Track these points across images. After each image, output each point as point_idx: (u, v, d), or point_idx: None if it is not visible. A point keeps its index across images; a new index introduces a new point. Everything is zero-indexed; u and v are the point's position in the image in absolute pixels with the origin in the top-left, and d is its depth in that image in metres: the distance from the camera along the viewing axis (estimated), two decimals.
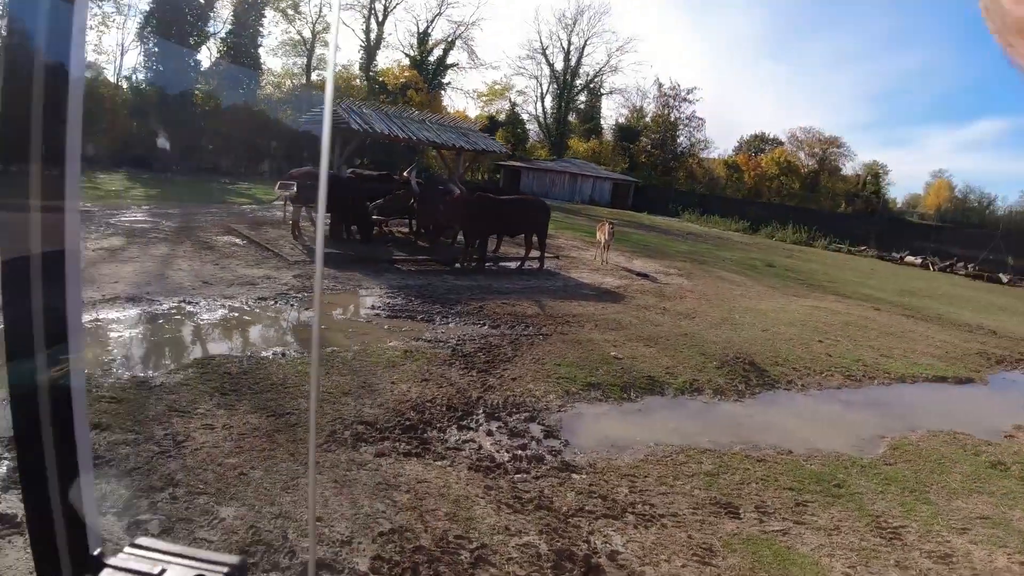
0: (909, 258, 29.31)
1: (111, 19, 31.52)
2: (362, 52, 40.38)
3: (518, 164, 37.87)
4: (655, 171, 47.92)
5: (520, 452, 5.12)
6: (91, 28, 31.17)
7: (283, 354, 6.59)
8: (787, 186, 48.35)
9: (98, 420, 4.60)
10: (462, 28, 44.34)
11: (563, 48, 50.28)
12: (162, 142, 27.20)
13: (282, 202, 15.35)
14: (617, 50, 54.35)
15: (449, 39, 44.48)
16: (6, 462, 3.93)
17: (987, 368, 10.44)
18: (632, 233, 24.08)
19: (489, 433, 5.41)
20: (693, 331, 9.69)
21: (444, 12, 43.64)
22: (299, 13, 37.31)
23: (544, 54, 50.59)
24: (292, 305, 8.61)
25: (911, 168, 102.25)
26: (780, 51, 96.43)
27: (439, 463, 4.75)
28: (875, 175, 50.76)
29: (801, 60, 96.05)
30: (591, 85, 52.03)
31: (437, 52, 44.57)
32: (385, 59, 44.02)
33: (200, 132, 29.26)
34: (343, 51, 77.30)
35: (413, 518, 3.95)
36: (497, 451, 5.09)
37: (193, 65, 30.89)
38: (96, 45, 31.52)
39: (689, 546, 4.07)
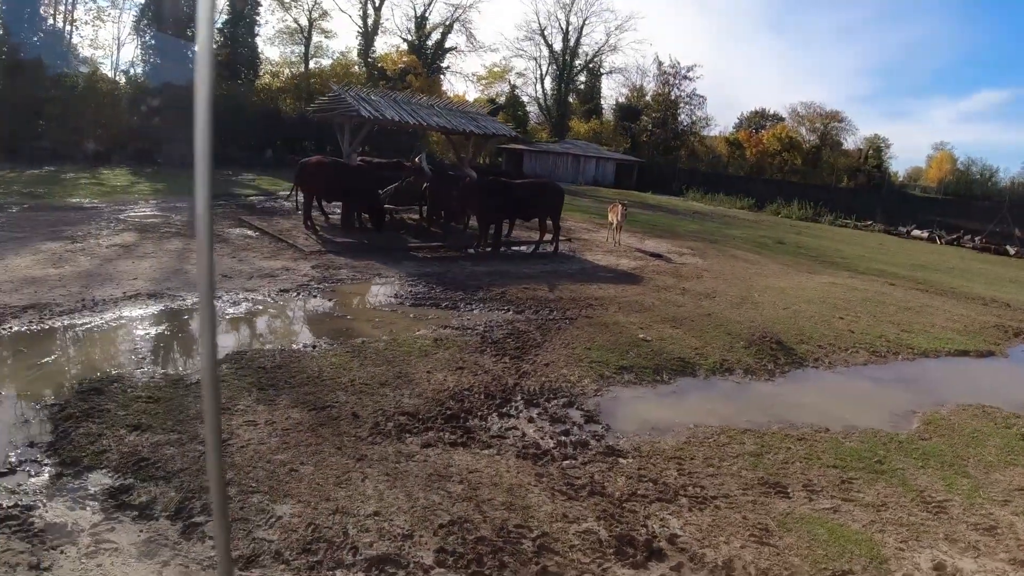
0: (916, 232, 29.18)
1: (106, 13, 31.18)
2: (360, 38, 39.99)
3: (520, 147, 37.56)
4: (657, 150, 47.63)
5: (564, 438, 5.10)
6: (86, 23, 30.90)
7: (313, 346, 6.56)
8: (789, 162, 48.04)
9: (138, 421, 4.58)
10: (460, 11, 43.89)
11: (562, 28, 49.79)
12: (164, 134, 26.98)
13: (289, 192, 15.24)
14: (616, 29, 53.85)
15: (447, 22, 44.05)
16: (48, 468, 3.93)
17: (1006, 341, 10.42)
18: (639, 213, 23.93)
19: (530, 420, 5.38)
20: (716, 311, 9.64)
21: None
22: (295, 1, 36.90)
23: (543, 35, 50.13)
24: (315, 296, 8.57)
25: (912, 140, 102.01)
26: (780, 24, 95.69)
27: (486, 452, 4.72)
28: (876, 149, 50.44)
29: (802, 33, 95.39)
30: (590, 65, 51.59)
31: (435, 36, 44.15)
32: (383, 45, 43.69)
33: None
34: (340, 37, 76.53)
35: (470, 509, 3.93)
36: (541, 438, 5.06)
37: (191, 56, 30.49)
38: (92, 40, 31.25)
39: (745, 527, 4.08)
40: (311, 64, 37.72)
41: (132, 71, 29.92)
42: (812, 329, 9.29)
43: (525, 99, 47.36)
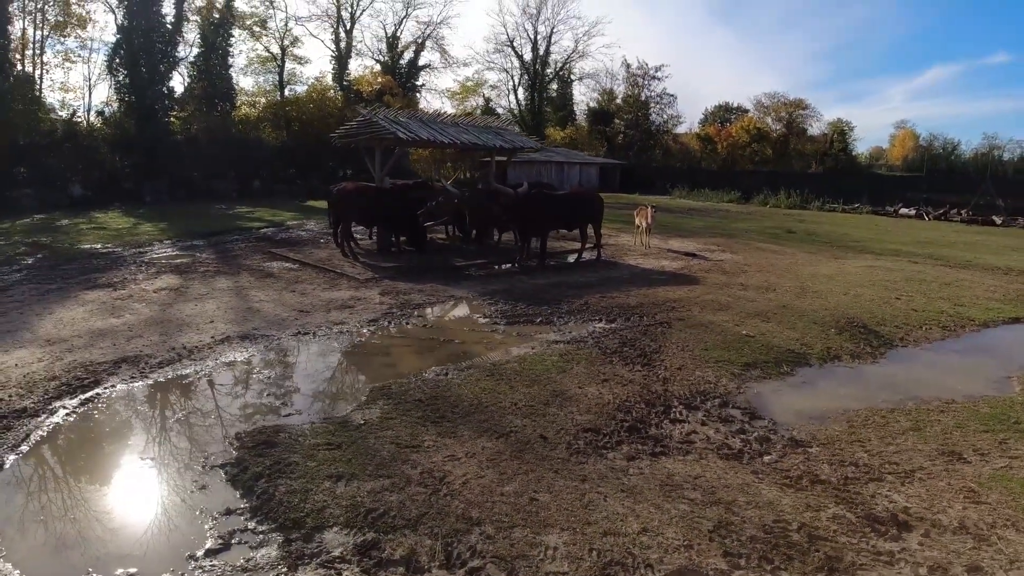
0: (903, 210, 30.09)
1: (76, 54, 30.45)
2: (334, 62, 39.73)
3: (503, 158, 37.62)
4: (632, 151, 48.27)
5: (744, 436, 5.19)
6: (56, 66, 30.15)
7: (446, 373, 6.50)
8: (759, 152, 49.14)
9: (336, 471, 4.41)
10: (431, 28, 43.96)
11: (530, 38, 50.26)
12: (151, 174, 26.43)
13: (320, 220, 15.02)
14: (584, 35, 54.65)
15: (419, 40, 44.08)
16: (271, 536, 3.82)
17: None
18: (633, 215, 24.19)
19: (703, 423, 5.44)
20: (788, 303, 9.84)
21: (411, 14, 43.52)
22: (266, 29, 36.53)
23: (512, 46, 50.51)
24: (408, 324, 8.51)
25: (870, 121, 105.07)
26: (729, 16, 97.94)
27: (689, 457, 4.78)
28: (841, 132, 51.84)
29: (751, 23, 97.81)
30: (561, 73, 52.12)
31: (408, 55, 44.11)
32: (357, 67, 43.43)
33: (183, 159, 28.48)
34: (314, 63, 75.79)
35: (723, 512, 3.99)
36: (726, 439, 5.14)
37: (167, 92, 29.99)
38: (63, 83, 30.46)
39: (954, 491, 4.39)
40: (286, 91, 37.31)
41: (107, 111, 29.17)
42: (881, 311, 9.54)
43: (500, 111, 47.62)
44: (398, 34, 43.50)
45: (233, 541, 3.69)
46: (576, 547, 3.61)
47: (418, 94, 43.39)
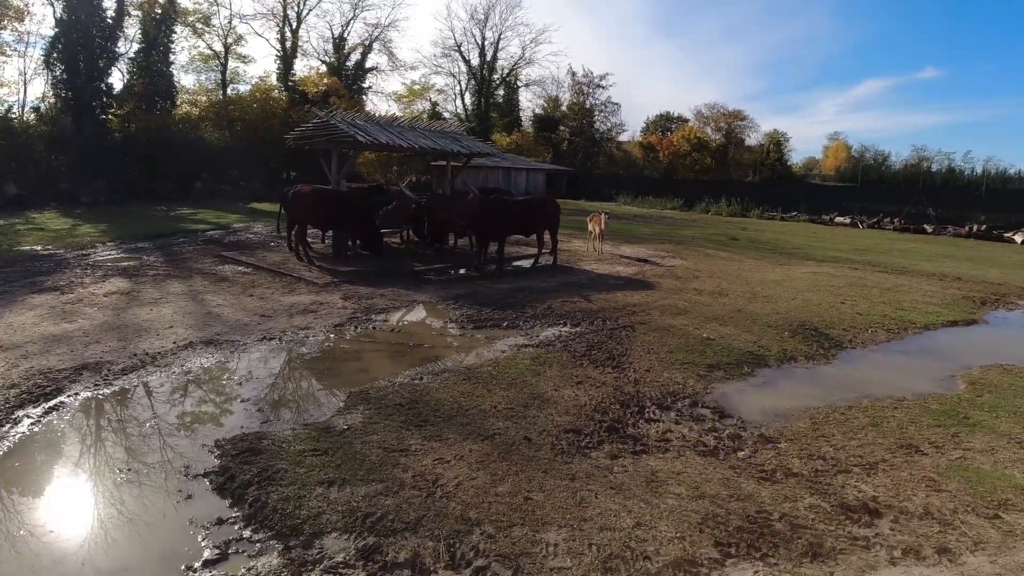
0: (839, 219, 31.56)
1: (11, 48, 28.86)
2: (279, 62, 38.88)
3: (449, 163, 37.59)
4: (576, 158, 48.95)
5: (717, 434, 5.45)
6: None
7: (421, 377, 6.54)
8: (699, 161, 50.56)
9: (326, 476, 4.40)
10: (378, 30, 43.56)
11: (478, 44, 50.43)
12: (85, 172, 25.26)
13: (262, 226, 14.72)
14: (531, 42, 55.08)
15: (366, 42, 43.60)
16: (269, 544, 3.81)
17: (979, 310, 11.64)
18: (583, 220, 24.62)
19: (676, 422, 5.67)
20: (741, 307, 10.25)
21: (359, 15, 43.05)
22: (209, 26, 35.48)
23: (459, 51, 50.58)
24: (375, 328, 8.49)
25: (803, 132, 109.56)
26: (671, 29, 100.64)
27: (669, 455, 4.98)
28: (777, 143, 53.79)
29: (691, 36, 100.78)
30: (508, 79, 52.45)
31: (355, 57, 43.59)
32: (303, 67, 42.57)
33: (122, 158, 27.37)
34: (258, 62, 73.78)
35: (708, 505, 4.20)
36: (700, 436, 5.39)
37: (105, 89, 28.78)
38: None
39: (916, 480, 4.78)
40: (229, 91, 36.30)
41: (43, 107, 27.77)
42: (828, 315, 10.05)
43: (446, 115, 47.53)
44: (345, 35, 43.02)
45: (230, 551, 3.64)
46: (576, 543, 3.73)
47: (365, 96, 42.98)
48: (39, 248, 14.09)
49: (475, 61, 50.99)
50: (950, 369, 7.83)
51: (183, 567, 3.49)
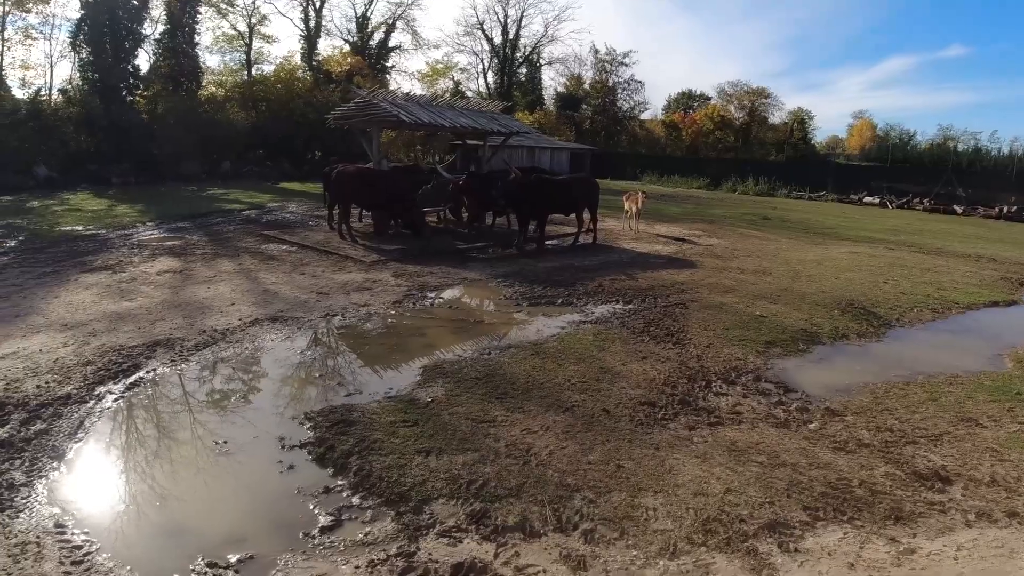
0: (868, 199, 31.30)
1: (37, 31, 29.20)
2: (303, 42, 38.96)
3: (473, 141, 37.58)
4: (598, 137, 48.72)
5: (785, 407, 5.63)
6: (18, 43, 28.91)
7: (489, 352, 6.75)
8: (722, 140, 50.18)
9: (422, 446, 4.60)
10: (402, 8, 43.41)
11: (500, 21, 50.10)
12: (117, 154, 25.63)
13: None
14: (554, 20, 54.58)
15: (389, 21, 43.51)
16: (380, 511, 3.99)
17: (1017, 291, 11.64)
18: (615, 200, 24.63)
19: (744, 396, 5.85)
20: (786, 286, 10.37)
21: None
22: (233, 6, 35.58)
23: (482, 28, 50.28)
24: (433, 305, 8.71)
25: (826, 111, 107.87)
26: (694, 4, 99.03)
27: (743, 426, 5.18)
28: (801, 121, 53.21)
29: (714, 12, 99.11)
30: (530, 57, 52.12)
31: (378, 36, 43.52)
32: (326, 47, 42.65)
33: (150, 139, 27.71)
34: (282, 42, 73.95)
35: (790, 472, 4.41)
36: (769, 409, 5.57)
37: (132, 71, 29.05)
38: (24, 60, 29.20)
39: (980, 450, 4.96)
40: (254, 71, 36.47)
41: (71, 89, 28.11)
42: (873, 294, 10.14)
43: (469, 94, 47.35)
44: (368, 14, 42.95)
45: (344, 518, 3.82)
46: (673, 507, 3.94)
47: (388, 75, 42.97)
48: (80, 228, 14.41)
49: (498, 39, 50.74)
50: (996, 348, 7.92)
51: (301, 534, 3.67)
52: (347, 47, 41.89)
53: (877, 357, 7.31)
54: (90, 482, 4.21)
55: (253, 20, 36.25)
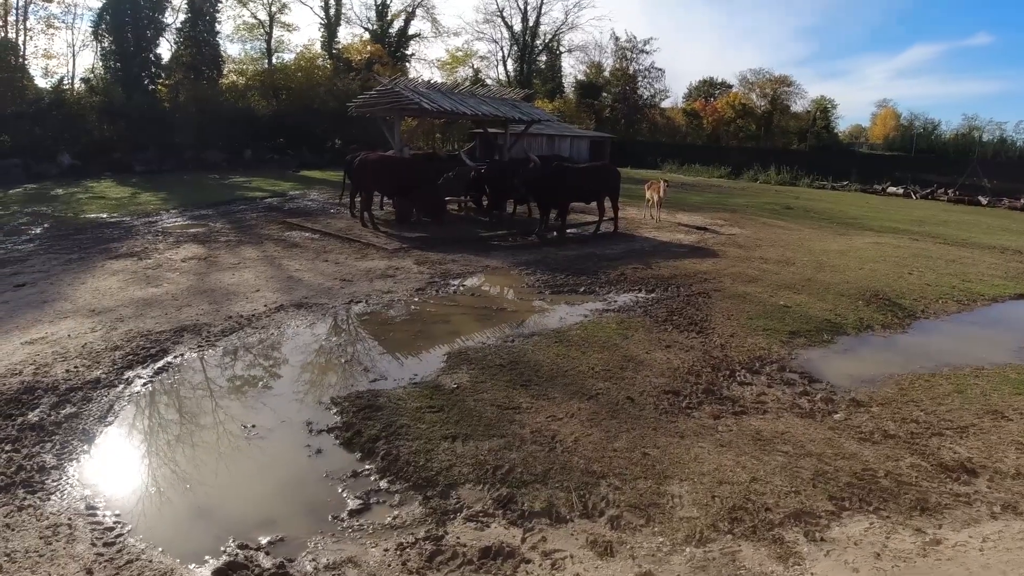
0: (891, 189, 30.83)
1: (59, 20, 29.54)
2: (323, 30, 39.05)
3: (493, 129, 37.53)
4: (618, 125, 48.36)
5: (810, 398, 5.62)
6: (40, 32, 29.27)
7: (512, 339, 6.80)
8: (744, 128, 49.54)
9: (449, 432, 4.66)
10: None
11: (520, 8, 49.77)
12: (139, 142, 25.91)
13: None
14: (574, 6, 54.00)
15: (409, 8, 43.41)
16: (408, 495, 4.06)
17: None
18: (635, 188, 24.49)
19: (768, 386, 5.84)
20: (810, 276, 10.29)
21: None
22: None
23: (501, 16, 49.98)
24: (456, 293, 8.75)
25: (850, 99, 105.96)
26: None
27: (768, 416, 5.17)
28: (824, 110, 52.26)
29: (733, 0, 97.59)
30: (550, 44, 51.77)
31: (398, 24, 43.47)
32: (346, 35, 42.71)
33: (171, 127, 27.98)
34: (302, 31, 74.06)
35: (815, 463, 4.40)
36: (794, 399, 5.57)
37: (153, 59, 29.32)
38: (46, 49, 29.56)
39: (1006, 443, 4.92)
40: (274, 59, 36.66)
41: (93, 78, 28.44)
42: (897, 285, 10.03)
43: (489, 82, 47.19)
44: (388, 2, 42.84)
45: (372, 501, 3.88)
46: (699, 495, 3.96)
47: (408, 64, 42.93)
48: (104, 216, 14.63)
49: (517, 27, 50.44)
50: (1021, 340, 7.83)
51: (330, 517, 3.73)
52: (367, 35, 41.89)
53: (902, 348, 7.25)
54: (120, 465, 4.30)
55: (273, 8, 36.37)
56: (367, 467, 4.26)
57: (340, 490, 4.01)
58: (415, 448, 4.43)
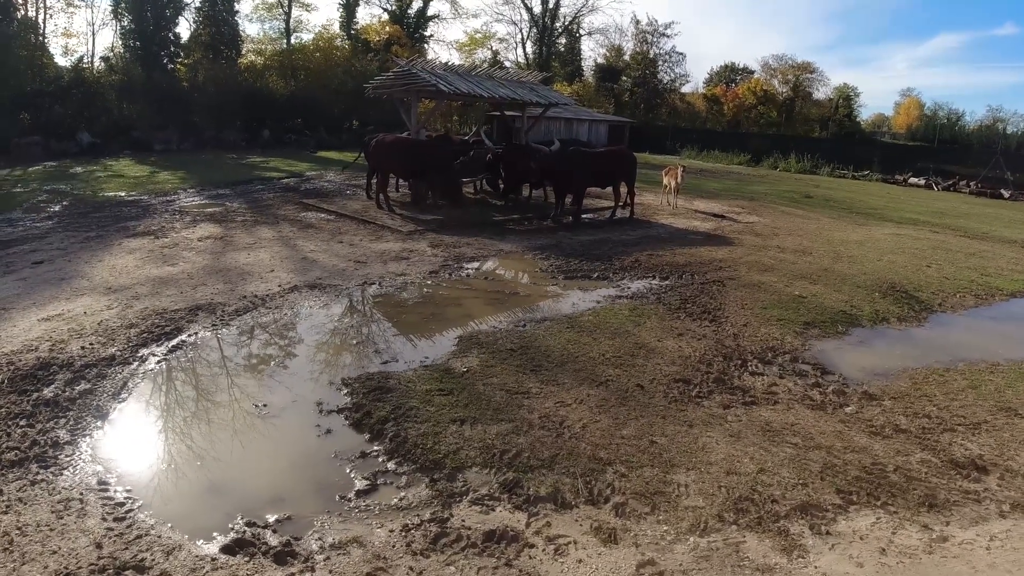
0: (912, 179, 30.29)
1: None
2: (341, 10, 38.88)
3: (511, 112, 37.29)
4: (637, 109, 47.86)
5: (822, 389, 5.58)
6: (60, 11, 29.42)
7: (524, 324, 6.79)
8: (765, 115, 48.87)
9: (457, 415, 4.68)
10: None
11: None
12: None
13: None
14: None
15: None
16: (415, 477, 4.09)
17: None
18: (653, 174, 24.28)
19: (780, 376, 5.81)
20: (827, 266, 10.17)
21: None
22: None
23: None
24: (469, 276, 8.76)
25: (873, 87, 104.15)
26: None
27: (778, 407, 5.15)
28: (847, 98, 51.45)
29: None
30: (570, 27, 51.20)
31: (417, 4, 43.20)
32: (365, 15, 42.49)
33: (190, 107, 28.08)
34: (320, 11, 73.71)
35: (824, 455, 4.38)
36: (805, 391, 5.52)
37: (172, 38, 29.38)
38: (66, 28, 29.71)
39: (1018, 441, 4.87)
40: (292, 39, 36.59)
41: (112, 56, 28.58)
42: (915, 278, 9.90)
43: (507, 64, 46.78)
44: None
45: (379, 482, 3.92)
46: (705, 484, 3.96)
47: (426, 45, 42.69)
48: (123, 194, 14.75)
49: (537, 8, 49.81)
50: None
51: (337, 497, 3.77)
52: (385, 16, 41.66)
53: (917, 342, 7.17)
54: (132, 441, 4.37)
55: None
56: (375, 448, 4.30)
57: (348, 470, 4.05)
58: (423, 431, 4.46)
